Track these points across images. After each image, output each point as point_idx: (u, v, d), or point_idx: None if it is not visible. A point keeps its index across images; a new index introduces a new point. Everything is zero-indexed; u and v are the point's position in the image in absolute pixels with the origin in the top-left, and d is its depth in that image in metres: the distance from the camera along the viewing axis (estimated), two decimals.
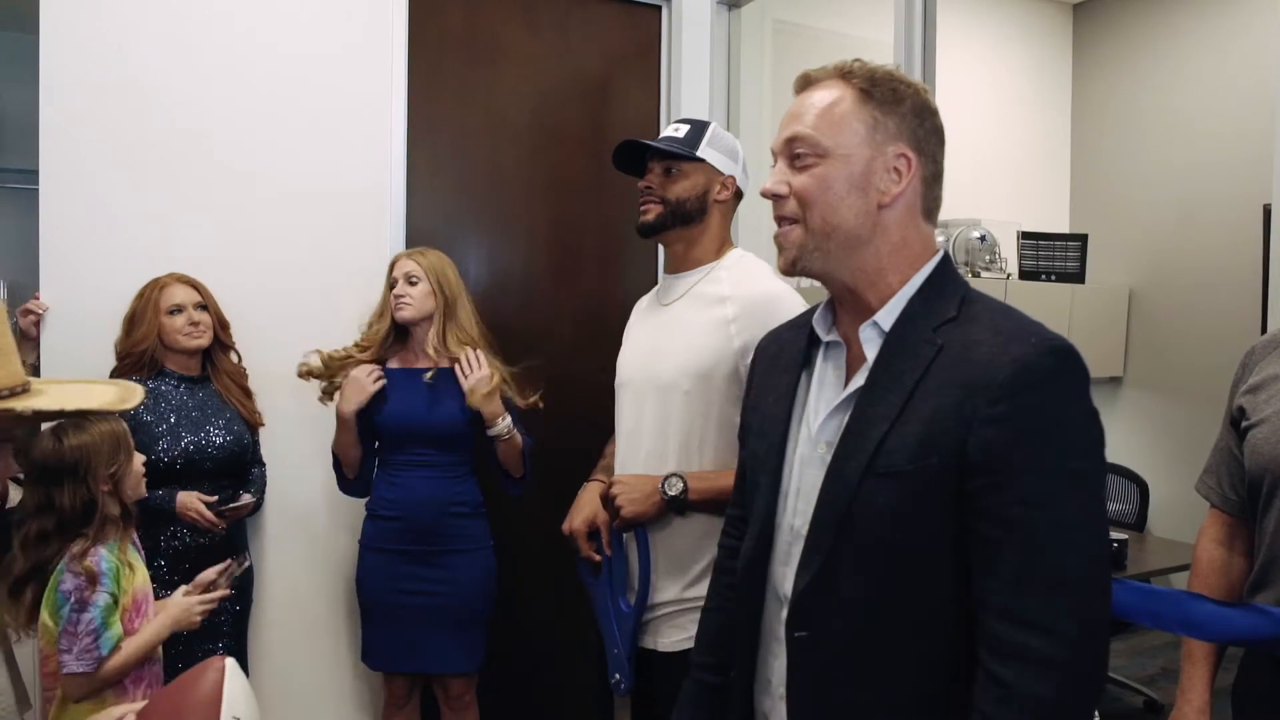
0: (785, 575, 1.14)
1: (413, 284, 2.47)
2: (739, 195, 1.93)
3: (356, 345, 2.54)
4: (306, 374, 2.50)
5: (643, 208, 1.88)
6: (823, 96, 1.12)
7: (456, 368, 2.44)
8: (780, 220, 1.13)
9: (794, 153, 1.11)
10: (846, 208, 1.09)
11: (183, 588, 1.97)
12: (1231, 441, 1.51)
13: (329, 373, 2.50)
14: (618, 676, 1.80)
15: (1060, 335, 1.03)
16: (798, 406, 1.18)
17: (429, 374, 2.45)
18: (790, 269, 1.14)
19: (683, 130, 1.88)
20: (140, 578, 1.90)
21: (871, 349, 1.10)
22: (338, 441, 2.50)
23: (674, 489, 1.74)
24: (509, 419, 2.47)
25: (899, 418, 1.03)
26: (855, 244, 1.10)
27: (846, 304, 1.15)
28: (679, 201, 1.84)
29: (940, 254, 1.14)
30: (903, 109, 1.11)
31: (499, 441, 2.47)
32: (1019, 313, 1.08)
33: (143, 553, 1.99)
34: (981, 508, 0.99)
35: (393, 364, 2.53)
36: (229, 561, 2.03)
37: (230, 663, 1.25)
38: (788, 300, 1.75)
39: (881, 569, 1.04)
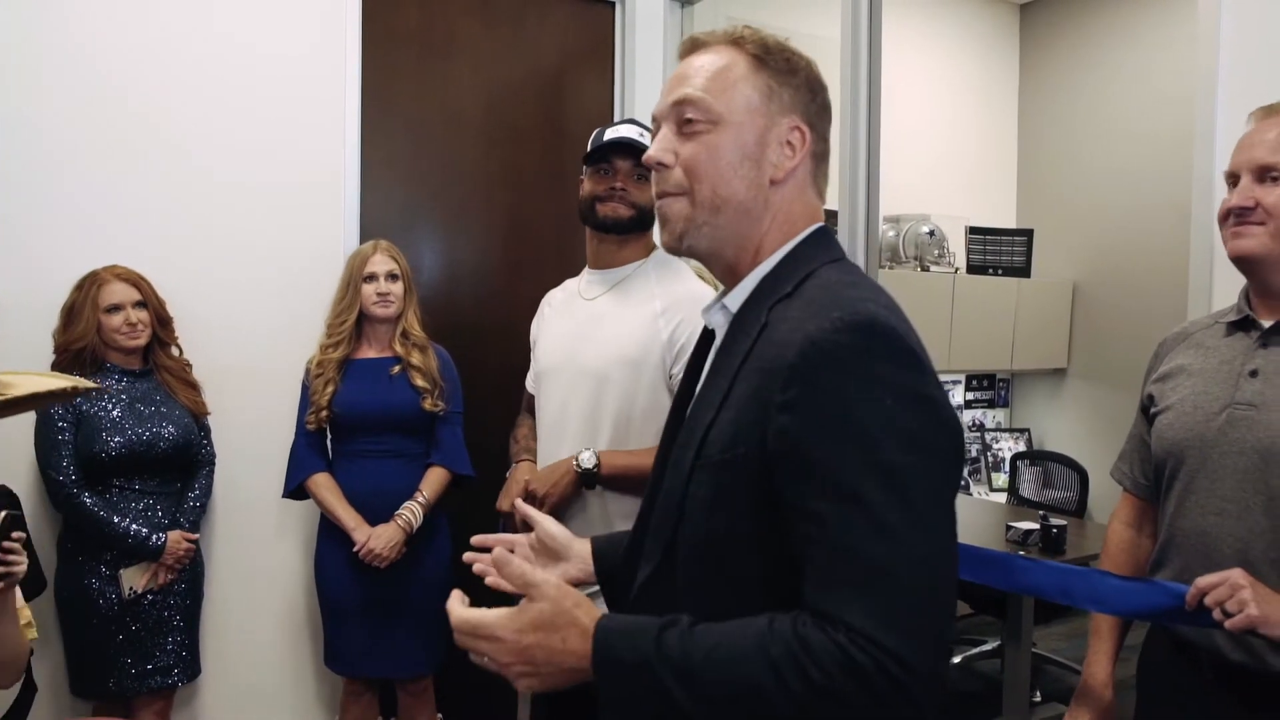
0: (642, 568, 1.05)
1: (394, 280, 2.54)
2: None
3: (324, 345, 2.57)
4: None
5: (611, 205, 1.94)
6: (713, 60, 1.02)
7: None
8: (662, 194, 1.04)
9: (683, 118, 1.02)
10: (739, 179, 1.00)
11: None
12: (1143, 429, 1.60)
13: None
14: None
15: (877, 309, 0.89)
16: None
17: (396, 368, 2.53)
18: (676, 246, 1.05)
19: (648, 137, 1.93)
20: None
21: (721, 332, 1.04)
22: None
23: (588, 463, 1.82)
24: (412, 514, 2.50)
25: (721, 405, 0.95)
26: (745, 219, 1.01)
27: (729, 285, 1.07)
28: (647, 209, 1.93)
29: (809, 230, 1.03)
30: (796, 80, 1.03)
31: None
32: (852, 288, 0.94)
33: None
34: (792, 504, 0.87)
35: (355, 355, 2.57)
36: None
37: None
38: (710, 298, 1.84)
39: (710, 564, 0.94)
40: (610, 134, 1.98)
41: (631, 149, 1.92)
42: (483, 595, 2.81)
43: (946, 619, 0.85)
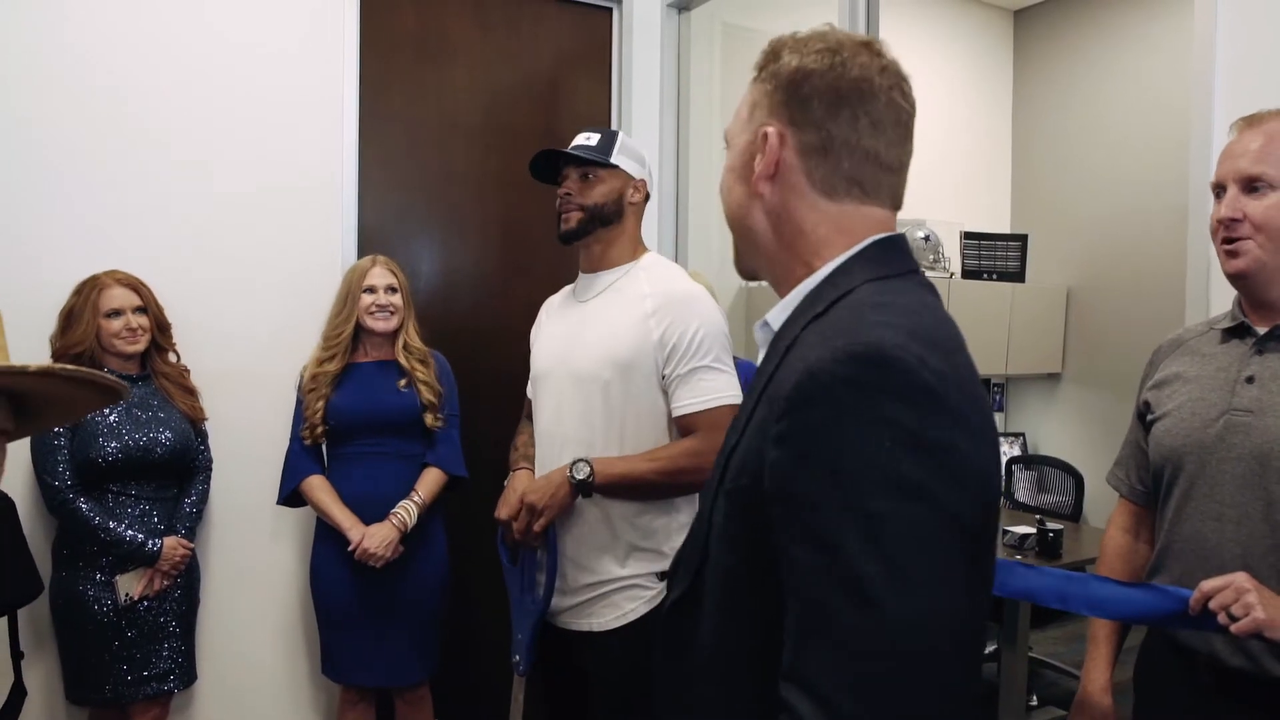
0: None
1: (393, 292, 2.56)
2: (647, 197, 2.02)
3: (318, 358, 2.56)
4: None
5: (563, 215, 1.95)
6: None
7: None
8: None
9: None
10: (733, 199, 1.00)
11: None
12: (1139, 435, 1.60)
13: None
14: (517, 658, 1.93)
15: (895, 337, 0.79)
16: None
17: (403, 381, 2.55)
18: (738, 273, 1.07)
19: (594, 139, 1.96)
20: None
21: (763, 351, 0.99)
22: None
23: (581, 474, 1.81)
24: (409, 512, 2.50)
25: (744, 430, 0.90)
26: (750, 236, 0.99)
27: None
28: (598, 206, 1.93)
29: (866, 241, 0.93)
30: (779, 79, 0.95)
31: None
32: (879, 310, 0.85)
33: None
34: (777, 543, 0.80)
35: (353, 359, 2.58)
36: None
37: None
38: (703, 300, 1.88)
39: (727, 594, 0.90)
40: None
41: (572, 159, 1.93)
42: (477, 597, 2.81)
43: (932, 693, 0.74)
